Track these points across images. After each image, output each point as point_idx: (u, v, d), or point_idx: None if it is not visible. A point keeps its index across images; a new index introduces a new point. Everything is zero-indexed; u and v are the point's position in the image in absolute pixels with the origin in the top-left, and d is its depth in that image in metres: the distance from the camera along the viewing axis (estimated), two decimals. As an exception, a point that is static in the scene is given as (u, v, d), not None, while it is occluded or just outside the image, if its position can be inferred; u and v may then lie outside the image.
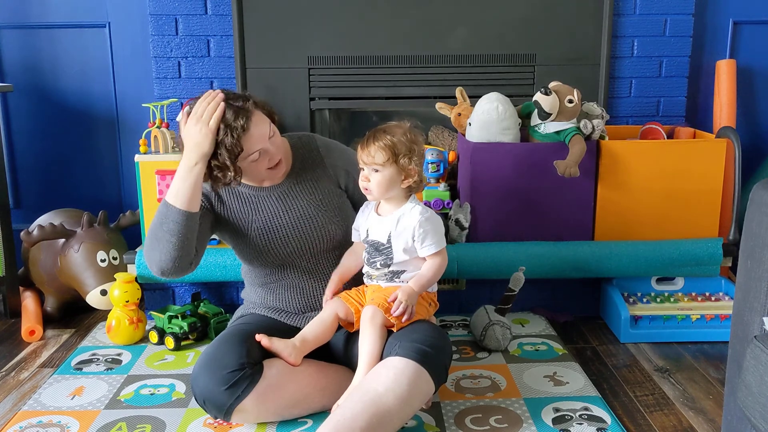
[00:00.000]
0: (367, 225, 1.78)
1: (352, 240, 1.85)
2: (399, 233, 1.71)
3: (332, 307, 1.79)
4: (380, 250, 1.74)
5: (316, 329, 1.77)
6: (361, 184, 1.73)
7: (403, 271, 1.75)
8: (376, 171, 1.69)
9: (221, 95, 1.71)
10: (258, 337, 1.71)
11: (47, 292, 2.53)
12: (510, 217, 2.31)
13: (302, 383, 1.73)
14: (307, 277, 1.88)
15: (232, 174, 1.71)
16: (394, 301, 1.69)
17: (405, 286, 1.72)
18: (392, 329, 1.72)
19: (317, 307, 1.88)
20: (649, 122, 2.53)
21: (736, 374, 1.32)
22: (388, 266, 1.74)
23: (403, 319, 1.70)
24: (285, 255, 1.85)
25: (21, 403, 1.91)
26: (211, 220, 1.85)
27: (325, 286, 1.86)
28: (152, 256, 1.71)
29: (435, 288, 1.83)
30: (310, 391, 1.74)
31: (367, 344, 1.68)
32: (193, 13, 2.56)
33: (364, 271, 1.81)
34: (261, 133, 1.72)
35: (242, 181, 1.80)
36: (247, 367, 1.64)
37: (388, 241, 1.72)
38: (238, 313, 1.99)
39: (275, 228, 1.84)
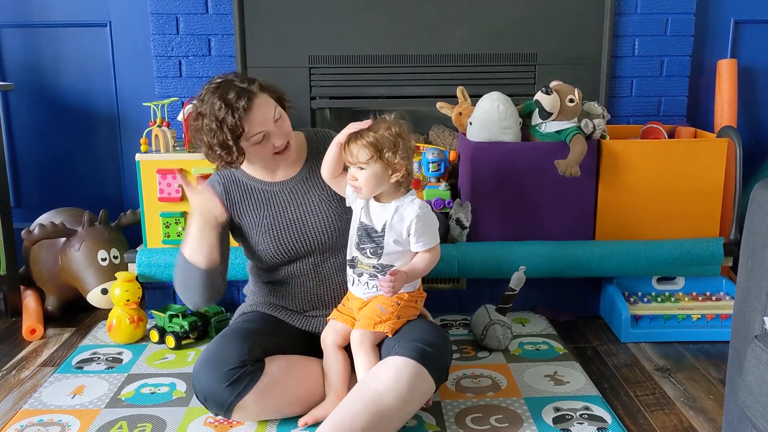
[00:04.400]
0: (360, 204, 1.73)
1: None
2: (394, 224, 1.68)
3: (332, 343, 1.76)
4: (372, 237, 1.70)
5: (336, 371, 1.74)
6: (350, 183, 1.70)
7: (391, 266, 1.70)
8: (362, 169, 1.66)
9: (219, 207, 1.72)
10: (301, 422, 1.71)
11: (48, 291, 2.53)
12: (511, 217, 2.31)
13: (303, 381, 1.74)
14: (312, 276, 1.87)
15: (236, 154, 1.72)
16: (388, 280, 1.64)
17: (399, 270, 1.66)
18: (387, 337, 1.71)
19: (320, 306, 1.88)
20: (650, 122, 2.53)
21: (737, 374, 1.32)
22: (378, 255, 1.70)
23: (387, 295, 1.66)
24: (294, 251, 1.84)
25: (22, 401, 1.91)
26: (228, 229, 1.87)
27: (330, 286, 1.87)
28: (186, 298, 1.82)
29: (418, 284, 1.78)
30: (311, 388, 1.74)
31: (362, 364, 1.69)
32: (194, 12, 2.56)
33: (349, 257, 1.76)
34: (264, 115, 1.73)
35: (256, 165, 1.83)
36: (249, 364, 1.64)
37: (383, 230, 1.69)
38: (240, 310, 1.99)
39: (285, 224, 1.84)
